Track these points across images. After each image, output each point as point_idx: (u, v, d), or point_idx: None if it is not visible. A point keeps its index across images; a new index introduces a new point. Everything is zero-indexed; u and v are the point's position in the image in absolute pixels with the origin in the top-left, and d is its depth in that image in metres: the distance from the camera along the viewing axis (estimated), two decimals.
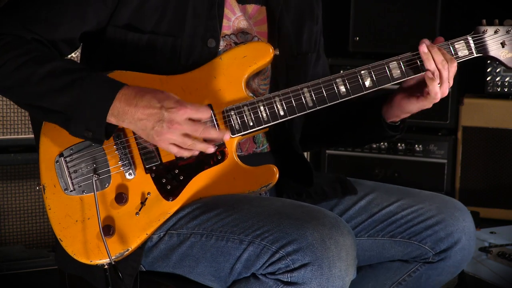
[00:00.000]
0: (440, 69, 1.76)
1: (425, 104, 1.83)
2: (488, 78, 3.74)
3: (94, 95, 1.61)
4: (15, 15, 1.68)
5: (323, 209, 1.64)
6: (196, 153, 1.67)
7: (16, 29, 1.67)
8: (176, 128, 1.60)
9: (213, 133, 1.66)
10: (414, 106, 1.85)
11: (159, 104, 1.59)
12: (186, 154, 1.65)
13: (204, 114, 1.64)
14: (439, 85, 1.77)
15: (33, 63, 1.63)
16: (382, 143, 3.91)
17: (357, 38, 3.93)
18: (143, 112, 1.60)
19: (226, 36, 1.82)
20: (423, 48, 1.77)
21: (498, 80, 3.74)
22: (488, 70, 3.73)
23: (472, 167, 3.79)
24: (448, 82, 1.78)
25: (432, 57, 1.77)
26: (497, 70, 3.73)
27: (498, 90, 3.75)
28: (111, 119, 1.62)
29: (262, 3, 1.89)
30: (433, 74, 1.76)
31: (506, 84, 3.74)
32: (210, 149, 1.66)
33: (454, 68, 1.78)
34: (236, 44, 1.82)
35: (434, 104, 1.85)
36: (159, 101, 1.59)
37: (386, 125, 1.91)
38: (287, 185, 1.89)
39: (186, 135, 1.61)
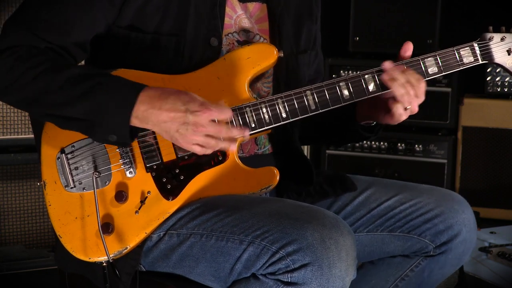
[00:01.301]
0: (408, 91, 1.74)
1: (390, 121, 1.83)
2: (488, 78, 3.74)
3: (116, 99, 1.60)
4: (25, 25, 1.67)
5: (323, 209, 1.64)
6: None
7: (28, 39, 1.66)
8: (201, 131, 1.59)
9: (235, 132, 1.65)
10: (380, 119, 1.86)
11: (184, 107, 1.58)
12: (209, 152, 1.65)
13: (227, 114, 1.63)
14: (409, 107, 1.76)
15: (50, 72, 1.62)
16: (382, 143, 3.91)
17: (357, 38, 3.93)
18: (168, 115, 1.59)
19: (228, 35, 1.82)
20: (385, 76, 1.76)
21: (498, 80, 3.74)
22: (488, 70, 3.73)
23: (472, 167, 3.79)
24: (418, 98, 1.77)
25: (397, 81, 1.74)
26: (497, 70, 3.73)
27: (498, 90, 3.75)
28: (135, 121, 1.61)
29: (263, 1, 1.89)
30: (398, 98, 1.75)
31: (506, 84, 3.74)
32: (233, 147, 1.66)
33: (421, 88, 1.77)
34: (239, 42, 1.83)
35: (434, 104, 1.85)
36: (184, 103, 1.59)
37: (360, 127, 1.92)
38: (288, 186, 1.88)
39: (210, 136, 1.61)
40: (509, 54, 1.85)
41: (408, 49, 1.81)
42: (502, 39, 1.84)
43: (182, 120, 1.59)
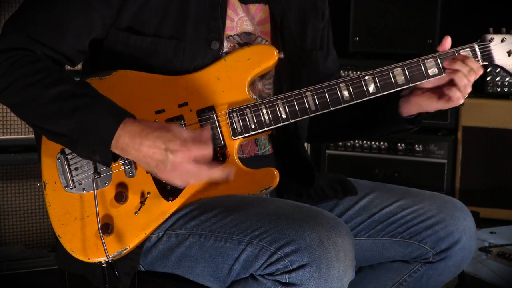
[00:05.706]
0: (469, 81, 1.82)
1: (445, 106, 1.86)
2: (488, 78, 3.74)
3: (98, 125, 1.60)
4: (23, 27, 1.67)
5: (321, 210, 1.63)
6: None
7: (25, 43, 1.66)
8: (180, 170, 1.59)
9: (217, 174, 1.64)
10: (433, 106, 1.87)
11: (164, 145, 1.57)
12: (191, 182, 1.66)
13: (207, 150, 1.61)
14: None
15: (42, 84, 1.63)
16: (382, 143, 3.91)
17: (357, 38, 3.93)
18: (148, 151, 1.58)
19: (229, 37, 1.82)
20: (451, 65, 1.81)
21: (498, 80, 3.74)
22: (488, 70, 3.73)
23: (472, 167, 3.79)
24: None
25: (460, 72, 1.80)
26: (497, 70, 3.73)
27: (498, 90, 3.75)
28: (115, 150, 1.61)
29: (265, 2, 1.88)
30: (461, 87, 1.81)
31: (506, 84, 3.74)
32: (216, 175, 1.64)
33: (478, 76, 1.82)
34: (240, 45, 1.82)
35: None
36: (165, 142, 1.58)
37: (404, 120, 1.92)
38: (288, 186, 1.88)
39: (190, 173, 1.61)
40: (509, 56, 1.86)
41: (446, 43, 1.84)
42: (502, 41, 1.85)
43: (161, 158, 1.58)
